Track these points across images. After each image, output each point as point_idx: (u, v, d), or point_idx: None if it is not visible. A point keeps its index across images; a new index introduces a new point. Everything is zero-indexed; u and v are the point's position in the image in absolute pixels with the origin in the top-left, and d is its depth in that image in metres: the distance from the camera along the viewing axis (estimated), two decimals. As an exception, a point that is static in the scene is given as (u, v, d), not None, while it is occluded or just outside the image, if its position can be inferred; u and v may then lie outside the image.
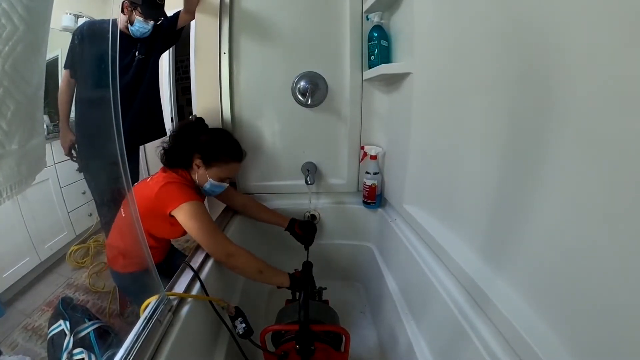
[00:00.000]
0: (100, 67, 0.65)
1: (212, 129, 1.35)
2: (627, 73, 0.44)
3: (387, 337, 1.26)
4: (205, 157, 1.21)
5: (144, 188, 1.17)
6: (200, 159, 1.21)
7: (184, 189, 1.14)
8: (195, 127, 1.30)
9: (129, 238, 1.15)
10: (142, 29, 1.62)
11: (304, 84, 1.50)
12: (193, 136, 1.24)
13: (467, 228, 0.91)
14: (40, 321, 1.72)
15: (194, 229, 1.09)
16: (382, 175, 1.53)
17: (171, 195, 1.11)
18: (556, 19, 0.56)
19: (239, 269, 1.11)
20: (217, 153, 1.23)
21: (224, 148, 1.25)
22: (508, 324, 0.66)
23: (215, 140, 1.26)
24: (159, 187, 1.12)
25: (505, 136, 0.72)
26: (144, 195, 1.14)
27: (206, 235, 1.09)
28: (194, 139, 1.23)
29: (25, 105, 0.41)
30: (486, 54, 0.76)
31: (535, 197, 0.63)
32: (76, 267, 2.20)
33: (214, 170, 1.23)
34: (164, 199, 1.11)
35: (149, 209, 1.11)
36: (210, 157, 1.22)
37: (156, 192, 1.11)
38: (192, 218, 1.09)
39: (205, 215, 1.12)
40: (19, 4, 0.37)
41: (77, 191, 2.42)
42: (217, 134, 1.31)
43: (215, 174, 1.23)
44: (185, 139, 1.24)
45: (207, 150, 1.22)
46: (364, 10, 1.43)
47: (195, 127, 1.29)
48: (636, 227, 0.44)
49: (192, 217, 1.09)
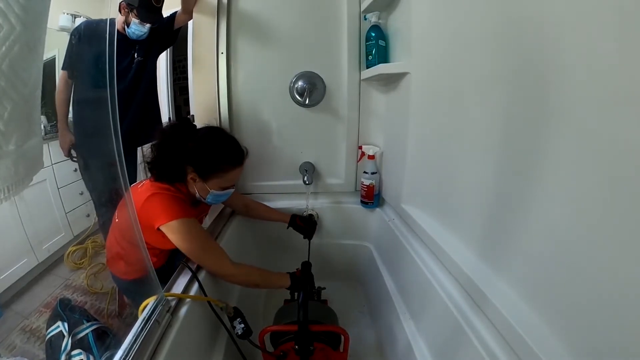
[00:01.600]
0: (97, 67, 0.65)
1: (202, 130, 1.12)
2: (624, 72, 0.44)
3: (386, 337, 1.26)
4: (199, 169, 1.04)
5: (134, 193, 1.04)
6: (194, 172, 1.05)
7: (173, 203, 1.00)
8: (181, 131, 1.07)
9: (128, 243, 1.10)
10: (138, 32, 1.60)
11: (301, 83, 1.50)
12: (180, 144, 1.04)
13: (465, 227, 0.91)
14: (38, 323, 1.71)
15: (186, 250, 0.99)
16: (380, 175, 1.53)
17: (157, 209, 0.98)
18: (552, 18, 0.56)
19: (239, 285, 1.07)
20: (213, 163, 1.05)
21: (220, 155, 1.07)
22: (506, 322, 0.67)
23: (209, 147, 1.06)
24: (145, 198, 0.99)
25: (503, 135, 0.72)
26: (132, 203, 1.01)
27: (200, 257, 1.01)
28: (182, 148, 1.04)
29: (22, 106, 0.40)
30: (483, 53, 0.77)
31: (532, 196, 0.63)
32: (74, 268, 2.18)
33: (212, 181, 1.07)
34: (150, 213, 0.98)
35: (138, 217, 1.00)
36: (206, 169, 1.05)
37: (142, 204, 0.99)
38: (183, 238, 0.98)
39: (197, 234, 1.01)
40: (16, 4, 0.37)
41: (75, 192, 2.41)
42: (209, 139, 1.08)
43: (215, 185, 1.08)
44: (171, 148, 1.04)
45: (201, 161, 1.04)
46: (361, 10, 1.43)
47: (182, 132, 1.07)
48: (633, 225, 0.44)
49: (182, 237, 0.98)
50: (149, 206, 0.99)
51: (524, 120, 0.65)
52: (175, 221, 0.97)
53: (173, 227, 0.97)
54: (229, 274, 1.04)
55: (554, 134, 0.57)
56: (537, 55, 0.61)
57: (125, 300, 1.65)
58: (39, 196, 2.16)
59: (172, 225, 0.97)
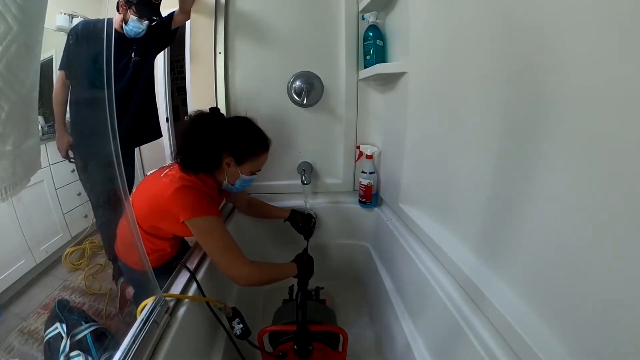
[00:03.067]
0: (95, 67, 0.64)
1: (232, 120, 1.20)
2: (621, 71, 0.45)
3: (385, 336, 1.26)
4: (236, 154, 1.11)
5: (156, 183, 1.09)
6: (230, 157, 1.10)
7: (203, 198, 1.04)
8: (214, 121, 1.13)
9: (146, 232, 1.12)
10: (136, 29, 1.60)
11: (299, 83, 1.50)
12: (216, 133, 1.09)
13: (463, 226, 0.91)
14: (36, 324, 1.70)
15: (208, 247, 1.03)
16: (378, 174, 1.54)
17: (187, 203, 1.01)
18: (550, 17, 0.56)
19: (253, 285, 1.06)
20: (249, 146, 1.13)
21: (253, 140, 1.15)
22: (504, 320, 0.67)
23: (243, 132, 1.14)
24: (173, 190, 1.01)
25: (500, 135, 0.72)
26: (155, 192, 1.06)
27: (219, 256, 1.02)
28: (218, 137, 1.09)
29: (19, 106, 0.40)
30: (481, 53, 0.77)
31: (530, 195, 0.64)
32: (72, 270, 2.18)
33: (246, 165, 1.14)
34: (178, 205, 1.01)
35: (159, 207, 1.04)
36: (242, 153, 1.12)
37: (170, 195, 1.01)
38: (206, 235, 1.02)
39: (220, 233, 1.04)
40: (13, 4, 0.36)
41: (73, 193, 2.40)
42: (242, 125, 1.16)
43: (247, 169, 1.15)
44: (207, 138, 1.08)
45: (238, 146, 1.11)
46: (359, 10, 1.43)
47: (214, 122, 1.13)
48: (631, 224, 0.44)
49: (206, 235, 1.02)
50: (178, 198, 1.01)
51: (522, 120, 0.65)
52: (202, 218, 1.01)
53: (198, 223, 1.01)
54: (244, 275, 1.02)
55: (552, 133, 0.57)
56: (534, 56, 0.61)
57: (127, 296, 1.65)
58: (37, 197, 2.15)
59: (198, 221, 1.01)
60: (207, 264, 1.08)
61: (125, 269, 1.25)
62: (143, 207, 1.09)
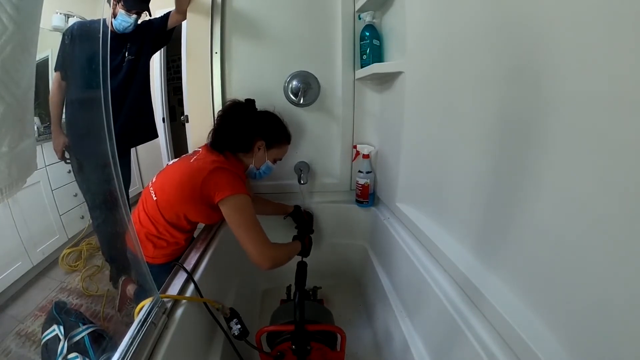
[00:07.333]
0: (90, 67, 0.64)
1: (264, 111, 1.34)
2: (617, 70, 0.45)
3: (383, 335, 1.26)
4: (268, 139, 1.25)
5: (186, 168, 1.14)
6: (262, 141, 1.24)
7: (236, 179, 1.13)
8: (250, 109, 1.29)
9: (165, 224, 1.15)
10: (124, 23, 1.58)
11: (296, 83, 1.50)
12: (252, 119, 1.25)
13: (460, 225, 0.92)
14: (33, 326, 1.69)
15: (238, 224, 1.07)
16: (375, 173, 1.54)
17: (223, 183, 1.08)
18: (546, 16, 0.57)
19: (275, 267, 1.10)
20: (278, 135, 1.28)
21: (282, 130, 1.31)
22: (501, 319, 0.67)
23: (275, 122, 1.30)
24: (208, 172, 1.08)
25: (497, 133, 0.73)
26: (187, 177, 1.11)
27: (249, 235, 1.07)
28: (254, 122, 1.24)
29: (15, 107, 0.40)
30: (477, 52, 0.77)
31: (527, 194, 0.64)
32: (69, 271, 2.17)
33: (273, 152, 1.28)
34: (214, 186, 1.08)
35: (190, 191, 1.09)
36: (273, 140, 1.27)
37: (205, 176, 1.07)
38: (239, 212, 1.08)
39: (251, 211, 1.10)
40: (8, 4, 0.36)
41: (69, 194, 2.39)
42: (273, 116, 1.32)
43: (272, 156, 1.29)
44: (244, 122, 1.23)
45: (271, 132, 1.27)
46: (355, 10, 1.43)
47: (251, 110, 1.29)
48: (628, 222, 0.44)
49: (239, 212, 1.08)
50: (215, 177, 1.09)
51: (518, 119, 0.65)
52: (238, 195, 1.08)
53: (234, 200, 1.08)
54: (270, 256, 1.07)
55: (548, 132, 0.57)
56: (530, 55, 0.61)
57: (128, 294, 1.64)
58: (33, 198, 2.14)
59: (231, 199, 1.08)
60: (205, 265, 1.08)
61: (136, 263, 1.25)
62: (171, 194, 1.13)
